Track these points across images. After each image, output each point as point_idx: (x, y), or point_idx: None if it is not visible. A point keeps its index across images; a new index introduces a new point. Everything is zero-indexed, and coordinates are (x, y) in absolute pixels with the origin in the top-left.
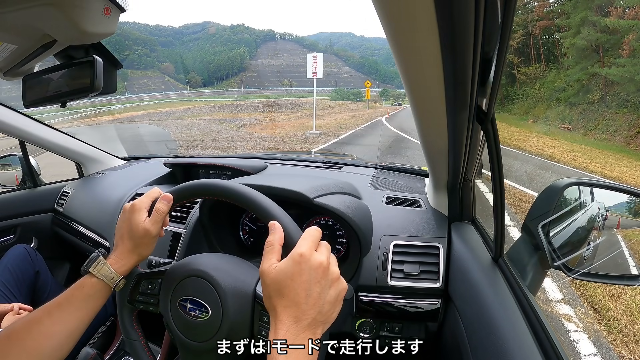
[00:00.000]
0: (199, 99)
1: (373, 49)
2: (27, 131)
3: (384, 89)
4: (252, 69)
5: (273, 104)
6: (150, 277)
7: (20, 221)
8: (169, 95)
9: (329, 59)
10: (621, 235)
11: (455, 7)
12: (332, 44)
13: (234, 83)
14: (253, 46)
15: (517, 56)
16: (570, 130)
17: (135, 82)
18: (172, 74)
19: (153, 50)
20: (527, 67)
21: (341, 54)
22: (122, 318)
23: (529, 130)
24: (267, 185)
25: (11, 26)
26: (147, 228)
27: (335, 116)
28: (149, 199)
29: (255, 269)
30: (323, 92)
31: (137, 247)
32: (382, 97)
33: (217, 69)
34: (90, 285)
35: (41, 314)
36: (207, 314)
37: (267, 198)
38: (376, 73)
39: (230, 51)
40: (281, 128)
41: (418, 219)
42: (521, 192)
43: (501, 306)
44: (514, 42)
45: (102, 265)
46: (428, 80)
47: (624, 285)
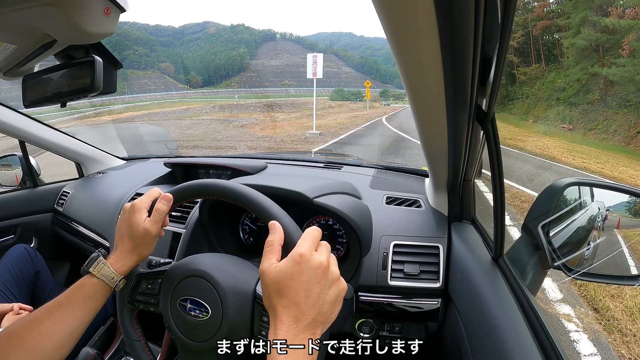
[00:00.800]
0: (199, 99)
1: (373, 49)
2: (27, 131)
3: (384, 89)
4: (252, 69)
5: (273, 104)
6: (150, 277)
7: (20, 221)
8: (169, 95)
9: (329, 59)
10: (621, 235)
11: (455, 7)
12: (332, 44)
13: (234, 83)
14: (253, 46)
15: (517, 56)
16: (570, 130)
17: (135, 82)
18: (172, 74)
19: (153, 50)
20: (527, 67)
21: (341, 54)
22: (122, 318)
23: (529, 130)
24: (267, 185)
25: (11, 26)
26: (147, 228)
27: (335, 116)
28: (149, 199)
29: (255, 269)
30: (323, 92)
31: (137, 247)
32: (382, 97)
33: (217, 69)
34: (91, 285)
35: (41, 314)
36: (207, 314)
37: (267, 198)
38: (376, 73)
39: (230, 51)
40: (281, 128)
41: (418, 219)
42: (521, 192)
43: (501, 306)
44: (514, 42)
45: (102, 265)
46: (428, 80)
47: (624, 285)
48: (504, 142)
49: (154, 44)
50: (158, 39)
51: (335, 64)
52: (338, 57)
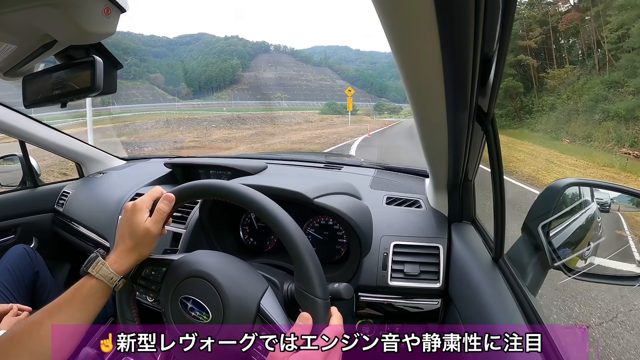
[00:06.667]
0: (183, 110)
1: (369, 62)
2: (27, 131)
3: (379, 102)
4: (244, 81)
5: (237, 117)
6: (156, 264)
7: (20, 221)
8: (156, 107)
9: (323, 72)
10: (621, 235)
11: (455, 7)
12: (327, 57)
13: (225, 95)
14: (246, 58)
15: (536, 59)
16: (638, 157)
17: (123, 93)
18: (162, 85)
19: (144, 61)
20: (554, 69)
21: (336, 66)
22: (120, 296)
23: (573, 155)
24: (267, 186)
25: (11, 26)
26: (148, 227)
27: (302, 133)
28: (150, 198)
29: (262, 280)
30: (316, 105)
31: (137, 246)
32: (376, 110)
33: (209, 81)
34: (90, 286)
35: (42, 316)
36: (208, 318)
37: (273, 202)
38: (371, 86)
39: (222, 62)
40: (213, 150)
41: (418, 219)
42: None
43: (501, 306)
44: (531, 42)
45: (100, 265)
46: (428, 80)
47: (624, 285)
48: (536, 176)
49: (144, 53)
50: (151, 49)
51: (330, 77)
52: (333, 70)
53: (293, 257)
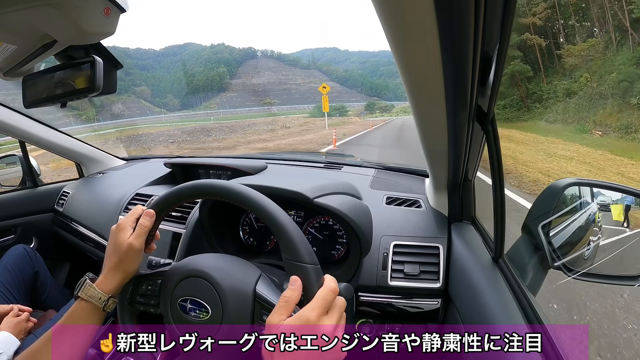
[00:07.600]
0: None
1: (358, 62)
2: (27, 131)
3: (370, 101)
4: (232, 89)
5: (202, 128)
6: (150, 278)
7: (20, 221)
8: (144, 120)
9: (312, 75)
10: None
11: (455, 7)
12: (316, 59)
13: (213, 104)
14: (233, 65)
15: (542, 37)
16: None
17: (108, 108)
18: (149, 98)
19: (128, 74)
20: (569, 46)
21: (325, 68)
22: (123, 321)
23: (616, 152)
24: (267, 186)
25: (11, 26)
26: (131, 242)
27: (257, 145)
28: (132, 217)
29: (254, 269)
30: (306, 109)
31: (121, 262)
32: (368, 110)
33: (196, 90)
34: (81, 309)
35: (40, 345)
36: (207, 314)
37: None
38: (362, 86)
39: (209, 71)
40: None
41: (418, 219)
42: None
43: (501, 306)
44: (535, 19)
45: (88, 287)
46: (428, 80)
47: (624, 285)
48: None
49: (129, 67)
50: (137, 62)
51: (319, 79)
52: (322, 72)
53: (274, 231)
